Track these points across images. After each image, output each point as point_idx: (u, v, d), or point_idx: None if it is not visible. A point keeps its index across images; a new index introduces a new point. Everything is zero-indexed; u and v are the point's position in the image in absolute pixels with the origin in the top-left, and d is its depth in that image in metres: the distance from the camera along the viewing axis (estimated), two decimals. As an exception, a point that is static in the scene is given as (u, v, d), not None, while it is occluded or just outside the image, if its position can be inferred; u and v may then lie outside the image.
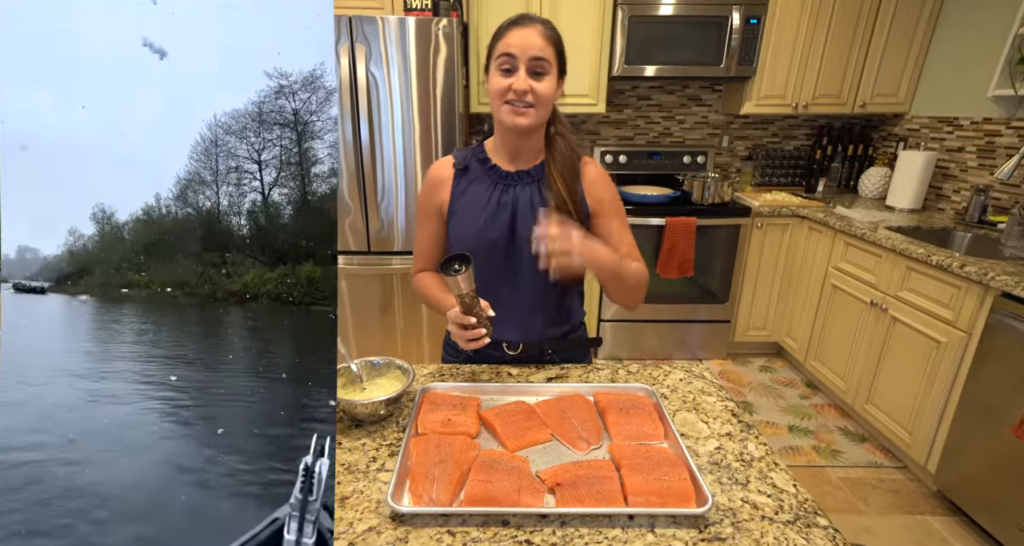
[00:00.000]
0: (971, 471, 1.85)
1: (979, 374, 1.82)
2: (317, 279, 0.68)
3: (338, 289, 2.60)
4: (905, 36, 2.79)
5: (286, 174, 0.75)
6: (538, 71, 0.97)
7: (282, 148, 0.74)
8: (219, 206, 0.71)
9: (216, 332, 0.76)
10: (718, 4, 2.64)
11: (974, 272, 1.80)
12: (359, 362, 0.99)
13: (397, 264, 2.56)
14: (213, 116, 0.60)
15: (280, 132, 0.72)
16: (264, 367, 0.73)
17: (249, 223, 0.74)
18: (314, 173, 0.74)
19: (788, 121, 3.29)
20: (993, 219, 2.40)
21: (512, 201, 1.07)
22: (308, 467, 0.50)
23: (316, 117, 0.69)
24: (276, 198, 0.76)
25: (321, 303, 0.70)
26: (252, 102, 0.62)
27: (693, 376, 1.10)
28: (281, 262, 0.76)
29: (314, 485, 0.49)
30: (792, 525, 0.69)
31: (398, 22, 2.23)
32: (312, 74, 0.63)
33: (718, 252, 2.83)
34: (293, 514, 0.49)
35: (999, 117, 2.45)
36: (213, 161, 0.67)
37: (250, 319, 0.79)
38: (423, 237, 1.17)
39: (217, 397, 0.72)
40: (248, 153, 0.71)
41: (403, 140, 2.38)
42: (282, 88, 0.64)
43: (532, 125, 1.00)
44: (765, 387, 2.83)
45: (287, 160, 0.74)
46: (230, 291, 0.73)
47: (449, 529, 0.68)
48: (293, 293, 0.72)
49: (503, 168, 1.09)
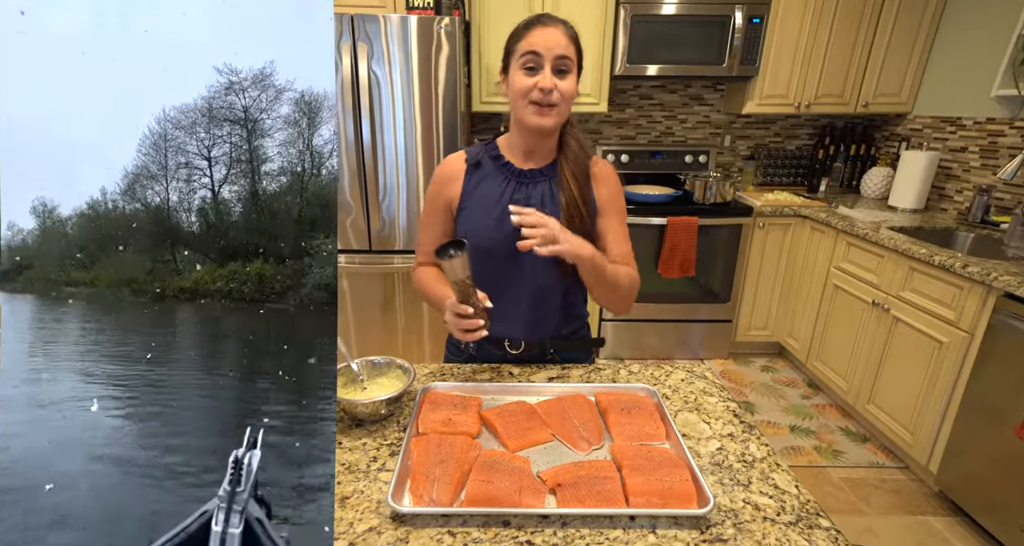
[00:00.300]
0: (973, 472, 1.85)
1: (981, 375, 1.81)
2: (269, 276, 0.67)
3: (339, 288, 2.60)
4: (908, 36, 2.78)
5: (236, 171, 0.74)
6: (562, 69, 0.98)
7: (232, 145, 0.73)
8: (168, 202, 0.70)
9: (165, 330, 0.75)
10: (720, 3, 2.63)
11: (977, 272, 1.79)
12: (360, 361, 0.98)
13: (399, 263, 2.56)
14: (162, 110, 0.60)
15: (230, 129, 0.72)
16: (213, 365, 0.73)
17: (199, 220, 0.73)
18: (264, 171, 0.73)
19: (790, 121, 3.28)
20: (996, 219, 2.39)
21: (525, 199, 1.07)
22: (238, 459, 0.50)
23: (266, 115, 0.69)
24: (226, 195, 0.75)
25: (272, 300, 0.69)
26: (202, 97, 0.62)
27: (695, 376, 1.10)
28: (232, 259, 0.75)
29: (243, 476, 0.50)
30: (794, 526, 0.69)
31: (400, 20, 2.22)
32: (262, 72, 0.63)
33: (720, 252, 2.83)
34: (221, 505, 0.50)
35: (1002, 117, 2.45)
36: (162, 156, 0.66)
37: (200, 317, 0.78)
38: (429, 232, 1.16)
39: (163, 396, 0.72)
40: (198, 149, 0.71)
41: (405, 139, 2.38)
42: (232, 84, 0.63)
43: (555, 125, 1.01)
44: (766, 387, 2.83)
45: (237, 157, 0.74)
46: (180, 288, 0.72)
47: (450, 529, 0.68)
48: (244, 291, 0.72)
49: (516, 166, 1.09)
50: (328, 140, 0.77)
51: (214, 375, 0.72)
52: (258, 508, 0.51)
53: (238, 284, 0.79)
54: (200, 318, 0.84)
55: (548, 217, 0.92)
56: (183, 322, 0.84)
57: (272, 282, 0.77)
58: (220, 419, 0.67)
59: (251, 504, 0.51)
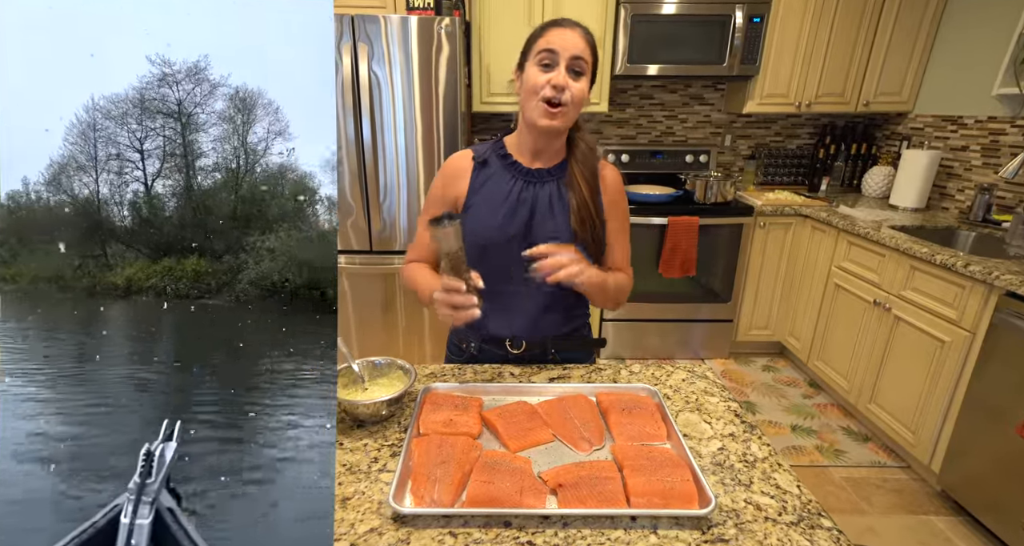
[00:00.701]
0: (975, 471, 1.84)
1: (983, 374, 1.81)
2: (204, 273, 0.67)
3: (340, 288, 2.60)
4: (909, 34, 2.77)
5: (171, 166, 0.73)
6: (577, 70, 0.98)
7: (166, 138, 0.72)
8: (98, 194, 0.69)
9: (95, 327, 0.74)
10: (721, 3, 2.63)
11: (978, 271, 1.79)
12: (361, 362, 0.99)
13: (399, 264, 2.56)
14: (91, 98, 0.59)
15: (164, 122, 0.71)
16: (146, 362, 0.73)
17: (132, 214, 0.72)
18: (199, 166, 0.72)
19: (791, 120, 3.28)
20: (997, 218, 2.38)
21: (532, 198, 1.07)
22: (149, 452, 0.51)
23: (201, 109, 0.68)
24: (160, 190, 0.74)
25: (207, 297, 0.68)
26: (133, 88, 0.61)
27: (696, 376, 1.09)
28: (166, 255, 0.74)
29: (153, 468, 0.50)
30: (796, 526, 0.69)
31: (400, 21, 2.22)
32: (196, 65, 0.62)
33: (720, 251, 2.82)
34: (130, 497, 0.50)
35: (1003, 116, 2.44)
36: (91, 146, 0.65)
37: (132, 313, 0.77)
38: (426, 231, 1.13)
39: (91, 394, 0.71)
40: (130, 141, 0.70)
41: (405, 139, 2.38)
42: (165, 76, 0.62)
43: (563, 126, 1.02)
44: (768, 387, 2.83)
45: (171, 151, 0.73)
46: (111, 284, 0.71)
47: (451, 530, 0.68)
48: (179, 287, 0.71)
49: (524, 165, 1.09)
50: (262, 138, 0.76)
51: (145, 371, 0.72)
52: (170, 499, 0.51)
53: (173, 280, 0.79)
54: (133, 314, 0.83)
55: (565, 252, 0.93)
56: (114, 319, 0.83)
57: (208, 278, 0.76)
58: (147, 416, 0.66)
59: (163, 495, 0.51)
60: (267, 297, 0.71)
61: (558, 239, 1.06)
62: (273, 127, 1.35)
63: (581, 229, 1.05)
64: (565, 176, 1.09)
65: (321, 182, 1.59)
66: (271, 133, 1.36)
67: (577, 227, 1.05)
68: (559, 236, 1.06)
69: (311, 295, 1.49)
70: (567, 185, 1.08)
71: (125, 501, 0.50)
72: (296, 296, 1.46)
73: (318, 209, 1.70)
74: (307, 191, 1.69)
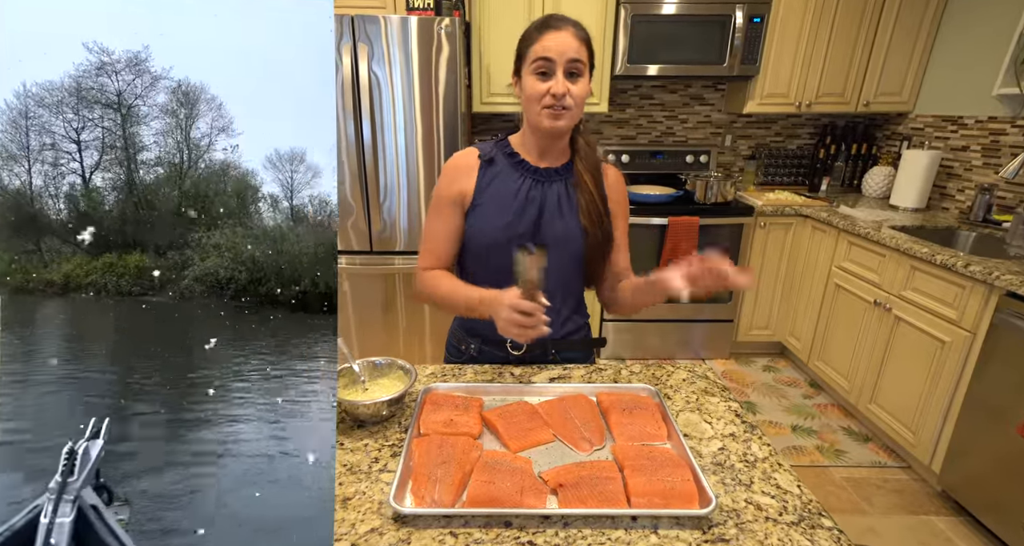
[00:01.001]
0: (976, 471, 1.84)
1: (984, 374, 1.81)
2: (147, 269, 0.65)
3: (340, 289, 2.60)
4: (909, 34, 2.77)
5: (110, 158, 0.72)
6: (574, 72, 0.97)
7: (105, 130, 0.71)
8: (31, 186, 0.68)
9: (29, 326, 0.72)
10: (721, 3, 2.63)
11: (979, 271, 1.79)
12: (361, 362, 0.99)
13: (400, 264, 2.56)
14: (22, 84, 0.58)
15: (102, 112, 0.70)
16: (81, 359, 0.72)
17: (69, 207, 0.71)
18: (141, 160, 0.71)
19: (791, 120, 3.28)
20: (998, 218, 2.38)
21: (541, 197, 1.07)
22: (72, 450, 0.50)
23: (142, 101, 0.67)
24: (99, 183, 0.73)
25: (151, 294, 0.67)
26: (69, 75, 0.60)
27: (696, 376, 1.09)
28: (107, 251, 0.73)
29: (75, 466, 0.49)
30: (796, 526, 0.69)
31: (400, 21, 2.22)
32: (137, 56, 0.61)
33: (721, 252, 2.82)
34: (51, 497, 0.49)
35: (1004, 116, 2.44)
36: (22, 135, 0.64)
37: (70, 311, 0.75)
38: (438, 230, 1.11)
39: (24, 394, 0.70)
40: (65, 131, 0.68)
41: (405, 140, 2.38)
42: (104, 65, 0.61)
43: (569, 127, 1.02)
44: (768, 387, 2.83)
45: (111, 143, 0.72)
46: (47, 281, 0.70)
47: (452, 530, 0.68)
48: (121, 283, 0.70)
49: (531, 163, 1.09)
50: (206, 133, 0.75)
51: (82, 370, 0.71)
52: (94, 496, 0.51)
53: (114, 276, 0.78)
54: (72, 312, 0.81)
55: None
56: (50, 317, 0.82)
57: (151, 274, 0.75)
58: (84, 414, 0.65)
59: (87, 492, 0.50)
60: (213, 294, 0.70)
61: (568, 239, 1.06)
62: (217, 123, 1.35)
63: (591, 227, 1.05)
64: (572, 175, 1.09)
65: (263, 180, 1.58)
66: (215, 129, 1.35)
67: (587, 225, 1.05)
68: (569, 236, 1.06)
69: (257, 291, 1.49)
70: (575, 185, 1.08)
71: (45, 501, 0.48)
72: (244, 293, 1.46)
73: (261, 207, 1.70)
74: (249, 189, 1.69)
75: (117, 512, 0.52)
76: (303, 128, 1.17)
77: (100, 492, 0.52)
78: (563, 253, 1.07)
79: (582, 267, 1.10)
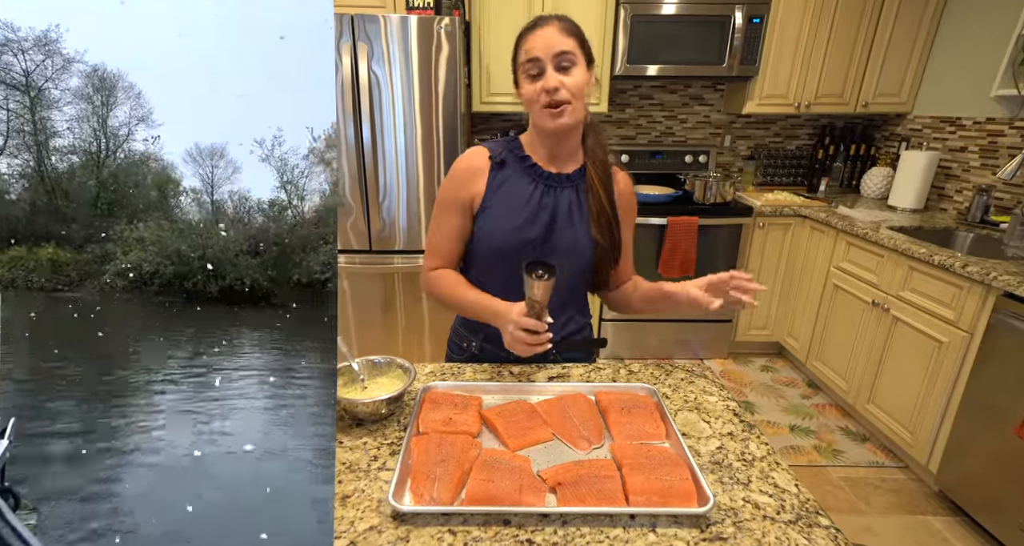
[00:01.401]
0: (973, 471, 1.85)
1: (981, 374, 1.82)
2: (63, 263, 0.63)
3: (340, 288, 2.60)
4: (908, 36, 2.78)
5: (17, 143, 0.70)
6: (564, 65, 0.96)
7: (10, 112, 0.69)
8: None
9: None
10: (720, 3, 2.64)
11: (976, 272, 1.79)
12: (360, 361, 0.99)
13: (399, 263, 2.57)
14: None
15: (7, 93, 0.68)
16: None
17: None
18: (53, 146, 0.69)
19: (790, 121, 3.28)
20: (995, 219, 2.39)
21: (553, 204, 1.05)
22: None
23: (53, 84, 0.65)
24: (3, 169, 0.71)
25: (67, 289, 0.66)
26: None
27: (695, 376, 1.10)
28: (16, 244, 0.71)
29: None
30: (794, 525, 0.69)
31: (400, 21, 2.22)
32: (46, 35, 0.59)
33: (720, 252, 2.83)
34: None
35: (1002, 117, 2.45)
36: None
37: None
38: (444, 231, 1.09)
39: None
40: None
41: (405, 139, 2.38)
42: (8, 42, 0.59)
43: (572, 123, 0.99)
44: (766, 387, 2.83)
45: (17, 127, 0.69)
46: None
47: (450, 528, 0.68)
48: (33, 279, 0.68)
49: (543, 168, 1.07)
50: (124, 122, 0.73)
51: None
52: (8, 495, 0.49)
53: (24, 271, 0.76)
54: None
55: None
56: None
57: (68, 269, 0.74)
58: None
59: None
60: (136, 289, 0.69)
61: (577, 248, 1.05)
62: (136, 112, 1.32)
63: (601, 236, 1.05)
64: (584, 182, 1.07)
65: (184, 174, 1.57)
66: (133, 118, 1.32)
67: (597, 234, 1.05)
68: (579, 245, 1.05)
69: (183, 286, 1.48)
70: (586, 191, 1.07)
71: None
72: (170, 288, 1.44)
73: (182, 200, 1.69)
74: (171, 182, 1.68)
75: (24, 516, 0.50)
76: (226, 122, 1.16)
77: (5, 496, 0.50)
78: (572, 262, 1.06)
79: (589, 275, 1.10)
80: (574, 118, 0.99)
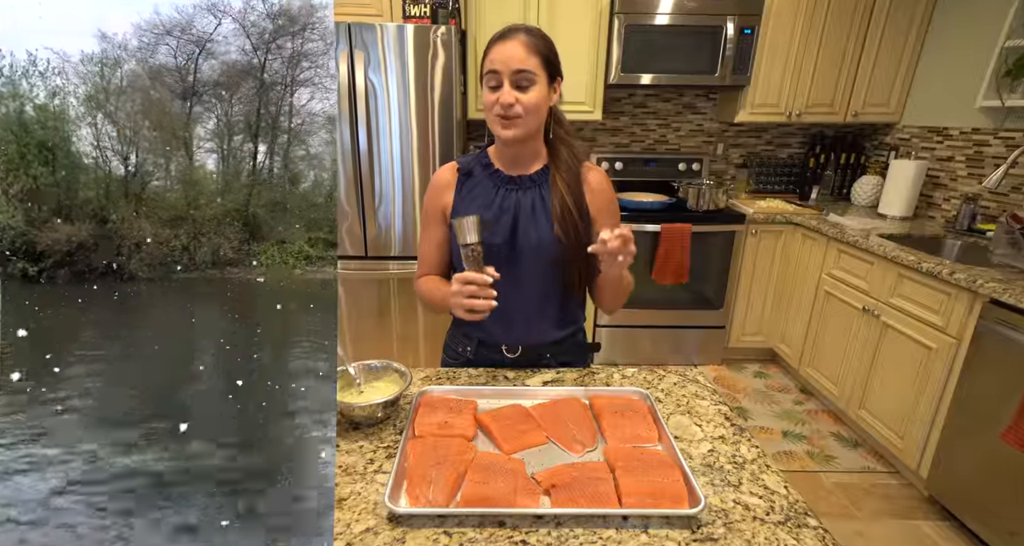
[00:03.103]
0: (962, 476, 1.87)
1: (969, 380, 1.84)
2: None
3: (336, 293, 2.60)
4: (896, 47, 2.83)
5: None
6: (523, 84, 0.98)
7: None
8: None
9: None
10: (713, 14, 2.68)
11: (963, 279, 1.82)
12: (356, 365, 1.00)
13: (394, 269, 2.57)
14: None
15: None
16: None
17: None
18: None
19: (782, 129, 3.33)
20: (982, 227, 2.43)
21: (514, 205, 1.08)
22: None
23: None
24: None
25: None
26: None
27: (687, 380, 1.11)
28: None
29: None
30: (783, 526, 0.71)
31: (396, 29, 2.25)
32: None
33: (713, 258, 2.86)
34: None
35: (987, 127, 2.50)
36: None
37: None
38: (427, 242, 1.18)
39: None
40: None
41: (401, 146, 2.40)
42: None
43: (519, 136, 1.02)
44: (759, 393, 2.85)
45: None
46: None
47: (446, 530, 0.69)
48: None
49: (505, 173, 1.11)
50: None
51: None
52: None
53: None
54: None
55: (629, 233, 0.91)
56: None
57: None
58: None
59: None
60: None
61: (542, 245, 1.07)
62: None
63: (564, 234, 1.06)
64: (547, 182, 1.10)
65: None
66: None
67: (560, 233, 1.06)
68: (543, 242, 1.07)
69: None
70: (550, 190, 1.09)
71: None
72: None
73: None
74: None
75: None
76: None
77: None
78: (539, 260, 1.08)
79: (558, 273, 1.11)
80: (521, 132, 1.02)
